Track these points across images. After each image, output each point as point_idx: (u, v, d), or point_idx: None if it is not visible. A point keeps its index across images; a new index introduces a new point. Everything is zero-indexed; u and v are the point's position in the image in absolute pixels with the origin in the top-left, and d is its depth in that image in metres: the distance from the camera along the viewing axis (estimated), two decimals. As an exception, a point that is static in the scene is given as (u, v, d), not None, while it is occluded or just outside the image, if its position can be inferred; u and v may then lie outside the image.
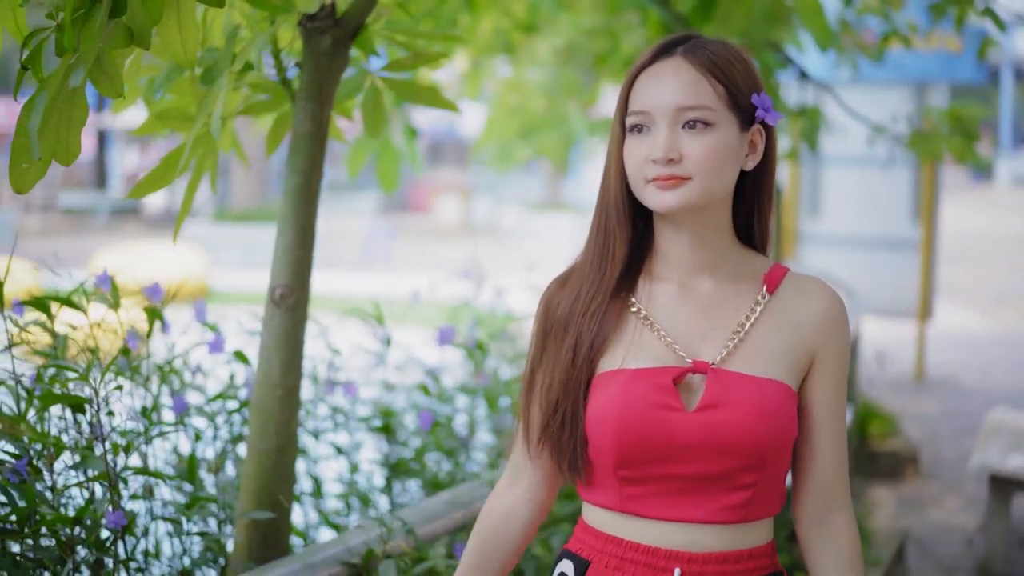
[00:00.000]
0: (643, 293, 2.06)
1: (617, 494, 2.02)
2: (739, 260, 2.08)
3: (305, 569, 2.63)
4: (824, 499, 2.09)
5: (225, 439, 3.33)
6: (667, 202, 1.96)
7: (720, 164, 1.97)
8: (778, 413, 1.97)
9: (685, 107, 1.95)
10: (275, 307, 2.85)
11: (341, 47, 2.84)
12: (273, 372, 2.86)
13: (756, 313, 2.03)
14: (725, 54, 2.01)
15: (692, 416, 1.96)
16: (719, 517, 1.99)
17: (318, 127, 2.86)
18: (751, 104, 2.01)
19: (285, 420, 2.87)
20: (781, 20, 5.38)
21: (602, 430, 1.99)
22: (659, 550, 1.99)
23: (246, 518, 2.81)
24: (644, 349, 2.01)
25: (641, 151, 1.98)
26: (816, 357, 2.05)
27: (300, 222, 2.87)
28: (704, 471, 1.97)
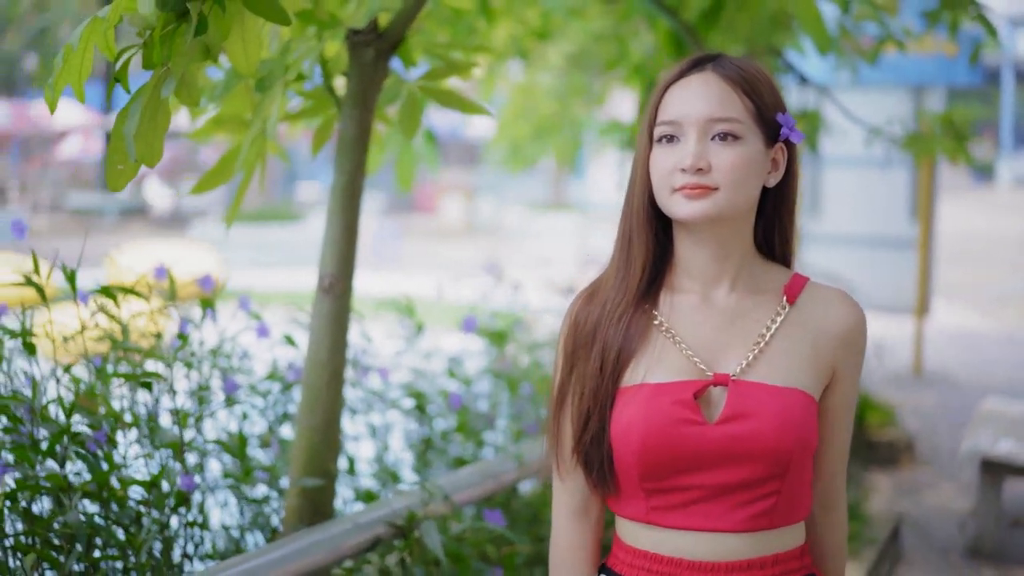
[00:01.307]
0: (665, 306, 2.09)
1: (643, 505, 2.05)
2: (759, 272, 2.11)
3: (355, 529, 2.93)
4: (822, 497, 2.16)
5: (270, 419, 3.61)
6: (693, 212, 1.99)
7: (746, 177, 2.00)
8: (799, 422, 2.00)
9: (715, 119, 1.99)
10: (324, 294, 3.14)
11: (383, 58, 3.13)
12: (321, 353, 3.14)
13: (776, 324, 2.06)
14: (753, 71, 2.05)
15: (714, 428, 1.99)
16: (743, 526, 2.01)
17: (363, 131, 3.15)
18: (776, 121, 2.05)
19: (332, 397, 3.15)
20: (782, 26, 5.65)
21: (626, 445, 2.01)
22: (683, 560, 2.02)
23: (298, 485, 3.09)
24: (666, 362, 2.04)
25: (669, 160, 2.00)
26: (839, 366, 2.08)
27: (346, 218, 3.16)
28: (728, 481, 2.00)
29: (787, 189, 2.11)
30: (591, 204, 25.24)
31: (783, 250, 2.15)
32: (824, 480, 2.15)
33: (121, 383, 3.14)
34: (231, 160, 3.11)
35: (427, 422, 3.90)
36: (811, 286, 2.11)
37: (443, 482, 3.18)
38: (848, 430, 2.14)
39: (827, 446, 2.12)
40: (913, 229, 10.61)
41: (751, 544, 2.02)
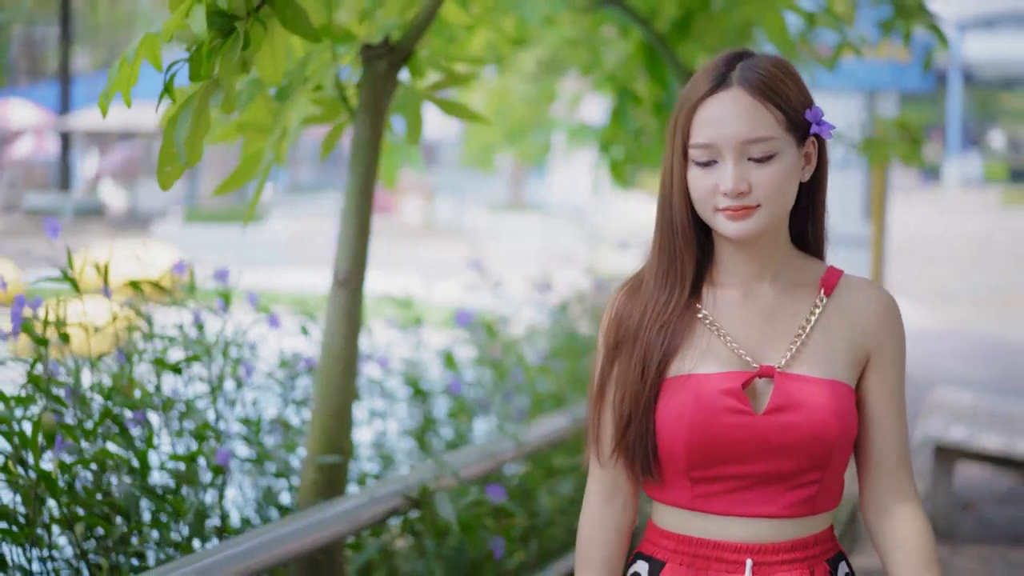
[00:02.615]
0: (708, 300, 2.14)
1: (689, 493, 2.08)
2: (797, 266, 2.16)
3: (372, 501, 3.19)
4: (887, 490, 2.15)
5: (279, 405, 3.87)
6: (739, 231, 2.04)
7: (785, 189, 2.05)
8: (843, 412, 2.05)
9: (750, 140, 2.01)
10: (339, 288, 3.40)
11: (394, 70, 3.39)
12: (336, 342, 3.40)
13: (815, 317, 2.11)
14: (777, 74, 2.05)
15: (762, 419, 2.04)
16: (787, 512, 2.06)
17: (375, 137, 3.42)
18: (805, 120, 2.07)
19: (346, 383, 3.41)
20: (746, 36, 5.96)
21: (675, 435, 2.05)
22: (729, 543, 2.07)
23: (316, 462, 3.35)
24: (712, 355, 2.09)
25: (709, 182, 2.04)
26: (871, 354, 2.13)
27: (359, 217, 3.42)
28: (773, 470, 2.05)
29: (819, 179, 2.15)
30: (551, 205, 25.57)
31: (816, 240, 2.19)
32: (888, 469, 2.15)
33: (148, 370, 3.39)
34: (253, 162, 3.38)
35: (425, 408, 4.16)
36: (845, 278, 2.16)
37: (449, 459, 3.45)
38: (900, 416, 2.15)
39: (879, 433, 2.14)
40: (867, 229, 10.97)
41: (793, 528, 2.07)
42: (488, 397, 4.33)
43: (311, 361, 3.78)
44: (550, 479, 4.01)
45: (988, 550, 5.99)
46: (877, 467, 2.14)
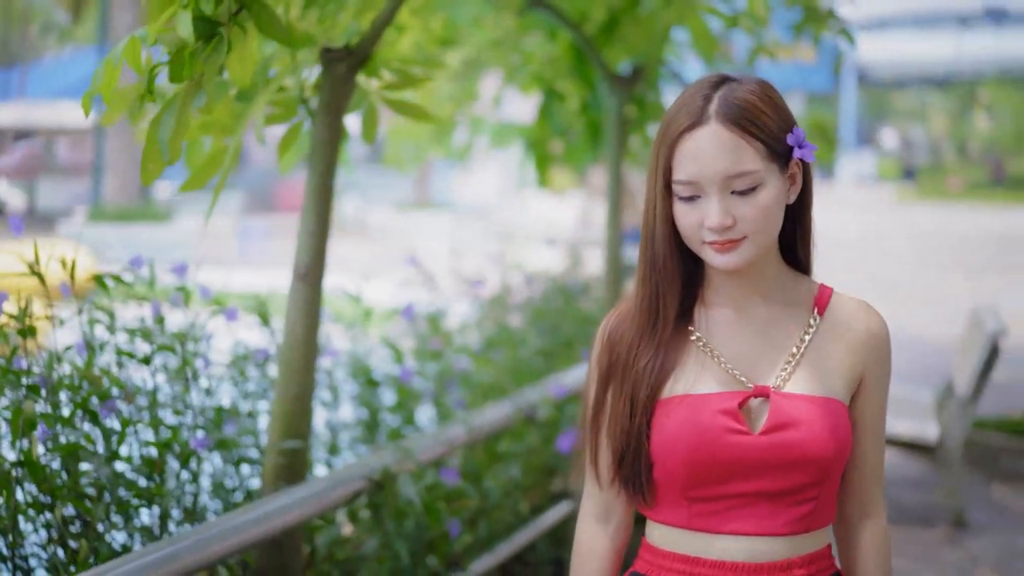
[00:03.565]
0: (701, 321, 2.16)
1: (685, 512, 2.11)
2: (789, 285, 2.18)
3: (337, 484, 3.34)
4: (861, 506, 2.20)
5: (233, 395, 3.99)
6: (728, 263, 2.05)
7: (772, 218, 2.06)
8: (839, 429, 2.08)
9: (732, 175, 2.02)
10: (300, 281, 3.54)
11: (352, 72, 3.54)
12: (298, 334, 3.54)
13: (810, 335, 2.14)
14: (755, 103, 2.03)
15: (759, 438, 2.06)
16: (784, 529, 2.09)
17: (334, 136, 3.56)
18: (787, 145, 2.08)
19: (306, 373, 3.55)
20: (669, 39, 6.19)
21: (672, 456, 2.08)
22: (724, 563, 2.08)
23: (278, 448, 3.48)
24: (706, 375, 2.11)
25: (694, 218, 2.05)
26: (866, 375, 2.16)
27: (319, 213, 3.56)
28: (771, 488, 2.07)
29: (805, 198, 2.17)
30: (456, 203, 25.72)
31: (804, 255, 2.21)
32: (862, 486, 2.20)
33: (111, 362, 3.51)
34: (217, 160, 3.51)
35: (372, 397, 4.31)
36: (836, 297, 2.20)
37: (407, 444, 3.61)
38: (880, 438, 2.20)
39: (861, 453, 2.18)
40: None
41: (790, 546, 2.09)
42: (431, 387, 4.48)
43: (265, 352, 3.90)
44: (495, 464, 4.18)
45: (902, 532, 6.27)
46: (852, 484, 2.19)
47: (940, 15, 38.27)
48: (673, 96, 7.62)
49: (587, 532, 2.27)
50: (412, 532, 3.43)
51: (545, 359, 5.35)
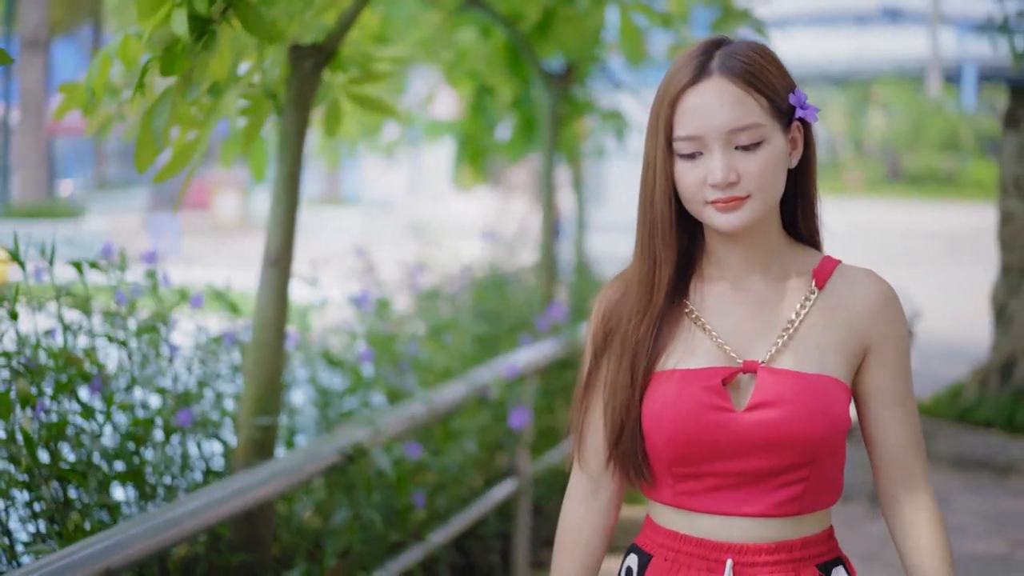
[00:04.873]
0: (696, 294, 2.10)
1: (672, 490, 2.06)
2: (790, 256, 2.10)
3: (312, 458, 3.52)
4: (897, 481, 2.09)
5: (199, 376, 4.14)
6: (730, 223, 1.98)
7: (775, 176, 1.99)
8: (829, 408, 1.98)
9: (736, 129, 1.96)
10: (271, 267, 3.71)
11: (319, 68, 3.72)
12: (269, 315, 3.71)
13: (806, 309, 2.06)
14: (759, 60, 2.00)
15: (743, 416, 1.99)
16: (772, 511, 2.01)
17: (301, 129, 3.74)
18: (789, 105, 2.02)
19: (276, 354, 3.72)
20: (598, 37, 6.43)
21: (657, 431, 2.02)
22: (711, 542, 2.03)
23: (251, 425, 3.64)
24: (697, 350, 2.05)
25: (696, 175, 1.98)
26: (870, 346, 2.06)
27: (287, 203, 3.74)
28: (756, 467, 2.00)
29: (807, 164, 2.10)
30: (365, 199, 25.81)
31: (808, 227, 2.14)
32: (893, 460, 2.10)
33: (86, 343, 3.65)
34: (191, 149, 3.66)
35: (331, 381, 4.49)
36: (841, 268, 2.11)
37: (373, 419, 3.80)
38: (905, 406, 2.09)
39: (882, 426, 2.09)
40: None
41: (778, 528, 2.02)
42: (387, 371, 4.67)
43: (232, 337, 4.06)
44: (448, 441, 4.40)
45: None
46: (884, 459, 2.09)
47: (838, 14, 39.11)
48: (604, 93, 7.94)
49: (573, 511, 2.21)
50: (381, 503, 3.63)
51: (486, 345, 5.58)
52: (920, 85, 36.80)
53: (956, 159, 33.89)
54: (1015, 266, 8.16)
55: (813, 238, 2.15)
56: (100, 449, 3.22)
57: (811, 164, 2.11)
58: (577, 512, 2.20)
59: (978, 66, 35.45)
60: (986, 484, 7.11)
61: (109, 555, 2.61)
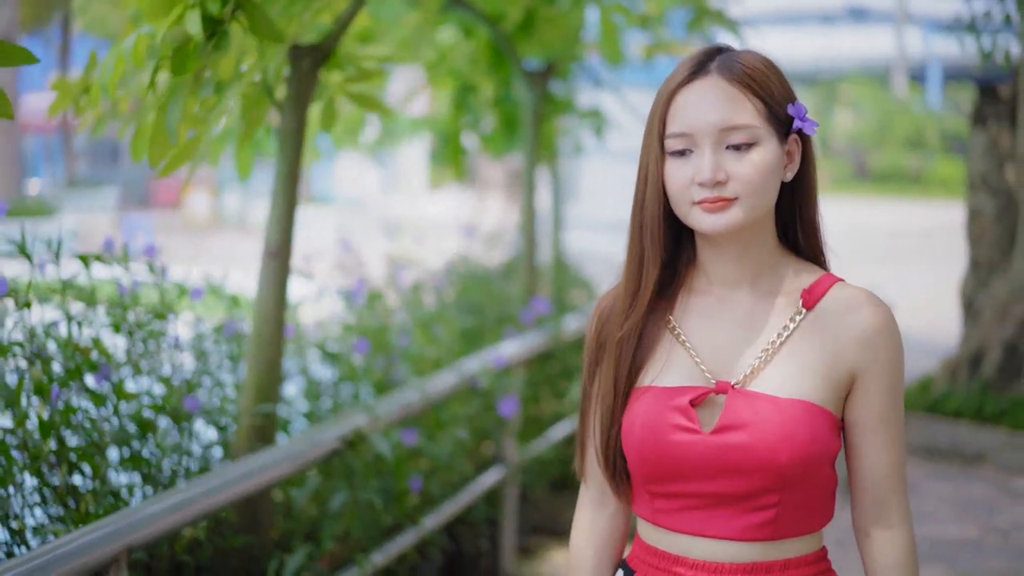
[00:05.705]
0: (680, 307, 2.06)
1: (649, 507, 2.04)
2: (784, 273, 2.04)
3: (313, 445, 3.65)
4: (874, 515, 2.04)
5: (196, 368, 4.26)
6: (715, 225, 1.93)
7: (764, 182, 1.94)
8: (799, 434, 1.92)
9: (728, 127, 1.92)
10: (270, 259, 3.84)
11: (317, 67, 3.85)
12: (268, 306, 3.83)
13: (789, 331, 1.99)
14: (760, 66, 1.97)
15: (707, 438, 1.94)
16: (743, 535, 1.97)
17: (299, 126, 3.86)
18: (787, 115, 1.98)
19: (276, 343, 3.84)
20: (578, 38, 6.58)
21: (629, 448, 2.01)
22: (686, 559, 2.00)
23: (253, 411, 3.75)
24: (673, 367, 2.01)
25: (685, 174, 1.95)
26: (859, 374, 1.98)
27: (287, 197, 3.86)
28: (726, 491, 1.95)
29: (805, 180, 2.05)
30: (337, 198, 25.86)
31: (809, 244, 2.08)
32: (871, 493, 2.04)
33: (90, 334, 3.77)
34: (194, 145, 3.78)
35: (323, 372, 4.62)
36: (838, 288, 2.02)
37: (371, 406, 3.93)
38: (889, 442, 2.02)
39: (861, 459, 2.02)
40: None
41: (753, 551, 1.98)
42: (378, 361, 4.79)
43: (232, 327, 4.18)
44: (439, 430, 4.53)
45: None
46: (862, 492, 2.04)
47: (804, 13, 39.40)
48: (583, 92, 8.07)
49: (582, 521, 2.21)
50: (379, 487, 3.76)
51: (471, 337, 5.72)
52: (886, 84, 37.12)
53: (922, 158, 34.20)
54: (983, 261, 8.35)
55: (817, 257, 2.09)
56: (112, 434, 3.33)
57: (810, 180, 2.07)
58: (586, 522, 2.20)
59: (943, 65, 35.84)
60: (956, 472, 7.29)
61: (132, 532, 2.73)
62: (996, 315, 8.06)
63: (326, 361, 4.54)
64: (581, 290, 7.43)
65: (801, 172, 2.05)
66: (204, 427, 3.90)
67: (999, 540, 6.04)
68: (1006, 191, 8.23)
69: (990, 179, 8.28)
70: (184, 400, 3.52)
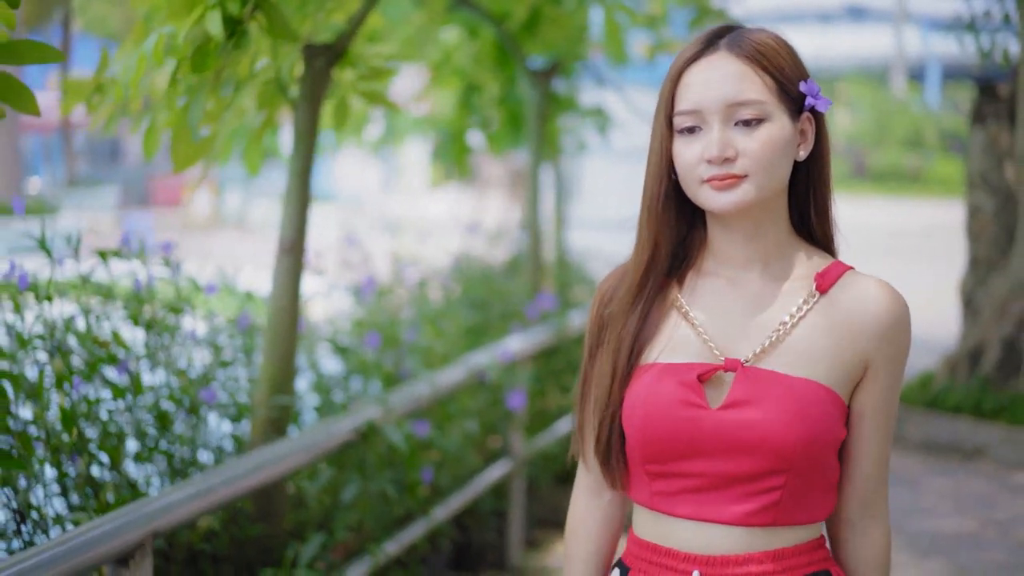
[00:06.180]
0: (688, 287, 2.03)
1: (647, 490, 1.99)
2: (795, 256, 2.01)
3: (329, 436, 3.72)
4: (862, 506, 2.02)
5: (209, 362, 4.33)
6: (724, 203, 1.90)
7: (775, 159, 1.90)
8: (809, 416, 1.89)
9: (737, 103, 1.89)
10: (285, 254, 3.91)
11: (330, 66, 3.92)
12: (283, 301, 3.91)
13: (802, 312, 1.96)
14: (770, 42, 1.93)
15: (715, 414, 1.91)
16: (745, 520, 1.93)
17: (313, 123, 3.93)
18: (800, 92, 1.94)
19: (290, 336, 3.92)
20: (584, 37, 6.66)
21: (630, 423, 1.97)
22: (678, 552, 1.96)
23: (269, 403, 3.82)
24: (681, 345, 1.98)
25: (694, 151, 1.91)
26: (872, 363, 1.96)
27: (301, 193, 3.94)
28: (728, 471, 1.91)
29: (819, 160, 2.01)
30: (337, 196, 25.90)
31: (822, 229, 2.05)
32: (857, 484, 2.02)
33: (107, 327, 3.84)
34: (209, 142, 3.87)
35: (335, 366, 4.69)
36: (850, 275, 1.99)
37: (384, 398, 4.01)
38: (883, 433, 2.00)
39: (858, 448, 2.00)
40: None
41: (750, 539, 1.94)
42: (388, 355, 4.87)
43: (246, 321, 4.26)
44: (448, 422, 4.61)
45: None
46: (854, 482, 2.02)
47: (802, 12, 39.48)
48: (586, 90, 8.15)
49: (580, 508, 2.17)
50: (392, 478, 3.84)
51: (477, 333, 5.80)
52: (885, 83, 37.20)
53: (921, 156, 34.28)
54: (982, 259, 8.43)
55: (827, 242, 2.06)
56: (134, 424, 3.41)
57: (823, 160, 2.02)
58: (582, 509, 2.17)
59: (942, 64, 35.92)
60: (955, 467, 7.37)
61: (157, 518, 2.81)
62: (995, 312, 8.14)
63: (338, 355, 4.61)
64: (584, 287, 7.51)
65: (815, 151, 2.01)
66: (217, 420, 3.98)
67: (998, 534, 6.11)
68: (1005, 189, 8.30)
69: (989, 178, 8.36)
70: (199, 392, 3.59)
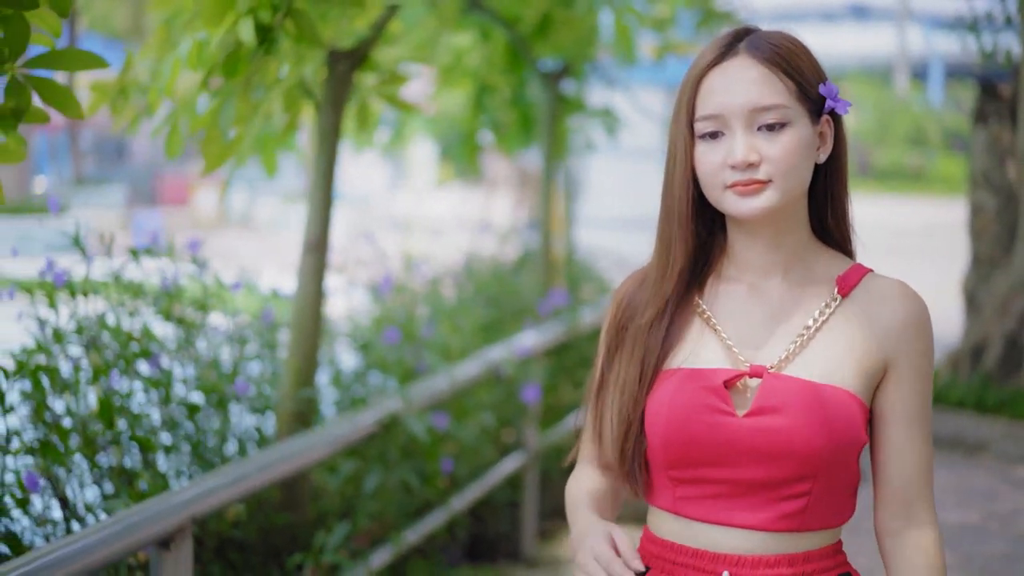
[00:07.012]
0: (710, 294, 2.01)
1: (670, 495, 1.97)
2: (815, 261, 2.00)
3: (354, 428, 3.86)
4: (900, 513, 1.97)
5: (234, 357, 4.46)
6: (748, 209, 1.89)
7: (798, 163, 1.90)
8: (836, 421, 1.88)
9: (760, 108, 1.88)
10: (309, 252, 4.04)
11: (352, 70, 4.05)
12: (308, 297, 4.04)
13: (825, 316, 1.95)
14: (789, 45, 1.93)
15: (741, 421, 1.90)
16: (770, 525, 1.91)
17: (336, 126, 4.06)
18: (819, 95, 1.93)
19: (314, 332, 4.05)
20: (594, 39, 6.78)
21: (653, 430, 1.95)
22: (706, 552, 1.94)
23: (295, 396, 3.94)
24: (704, 350, 1.96)
25: (716, 157, 1.90)
26: (891, 365, 1.94)
27: (324, 193, 4.07)
28: (755, 477, 1.90)
29: (836, 163, 2.00)
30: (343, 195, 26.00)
31: (840, 231, 2.04)
32: (898, 489, 1.97)
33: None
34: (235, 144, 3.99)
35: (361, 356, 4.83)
36: (870, 278, 2.00)
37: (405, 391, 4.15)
38: (918, 434, 1.96)
39: (891, 452, 1.96)
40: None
41: (778, 543, 1.92)
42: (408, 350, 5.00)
43: (270, 317, 4.39)
44: (464, 416, 4.75)
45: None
46: (888, 487, 1.97)
47: (805, 11, 39.56)
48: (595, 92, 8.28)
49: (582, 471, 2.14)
50: (413, 468, 3.97)
51: (492, 329, 5.94)
52: (887, 82, 37.30)
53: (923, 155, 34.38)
54: (984, 257, 8.55)
55: (845, 244, 2.06)
56: (166, 418, 3.54)
57: (841, 162, 2.02)
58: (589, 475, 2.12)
59: (945, 63, 35.99)
60: (958, 461, 7.48)
61: (196, 502, 2.94)
62: (997, 309, 8.26)
63: (357, 351, 4.74)
64: (593, 284, 7.64)
65: (833, 154, 2.00)
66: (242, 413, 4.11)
67: (999, 526, 6.24)
68: (1007, 188, 8.41)
69: (991, 176, 8.47)
70: (227, 387, 3.72)
